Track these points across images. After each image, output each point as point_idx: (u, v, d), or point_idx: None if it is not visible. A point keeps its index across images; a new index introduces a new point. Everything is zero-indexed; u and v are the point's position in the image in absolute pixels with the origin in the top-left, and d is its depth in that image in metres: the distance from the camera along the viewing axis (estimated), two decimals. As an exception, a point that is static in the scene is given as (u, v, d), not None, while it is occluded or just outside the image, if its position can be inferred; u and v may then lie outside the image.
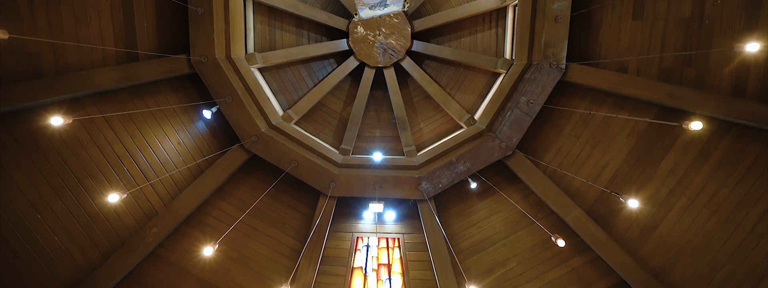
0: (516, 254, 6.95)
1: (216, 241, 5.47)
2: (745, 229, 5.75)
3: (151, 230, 6.27)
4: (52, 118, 4.76)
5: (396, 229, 7.60)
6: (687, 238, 6.05)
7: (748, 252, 5.70)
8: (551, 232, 5.69)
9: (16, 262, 5.55)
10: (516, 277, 6.81)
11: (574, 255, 6.70)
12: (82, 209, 6.01)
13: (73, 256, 5.91)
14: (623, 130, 6.52)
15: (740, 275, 5.72)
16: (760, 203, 5.70)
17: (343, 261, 7.28)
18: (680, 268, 6.06)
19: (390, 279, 7.40)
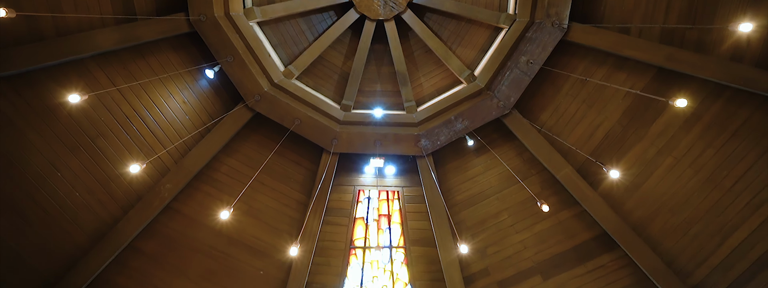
0: (508, 207, 7.42)
1: (231, 205, 5.85)
2: (724, 187, 6.12)
3: (164, 186, 6.67)
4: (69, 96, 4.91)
5: (396, 182, 8.01)
6: (668, 195, 6.45)
7: (722, 209, 6.11)
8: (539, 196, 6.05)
9: (44, 215, 6.00)
10: (507, 228, 7.34)
11: (562, 209, 7.16)
12: (98, 167, 6.35)
13: (95, 210, 6.37)
14: (619, 91, 6.63)
15: (712, 229, 6.19)
16: (741, 164, 6.00)
17: (346, 212, 7.79)
18: (659, 222, 6.54)
19: (390, 228, 7.97)
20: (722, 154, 6.11)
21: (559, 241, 7.03)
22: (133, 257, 6.61)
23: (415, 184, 7.89)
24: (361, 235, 7.88)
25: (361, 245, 7.82)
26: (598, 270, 6.75)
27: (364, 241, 7.84)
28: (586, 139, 7.02)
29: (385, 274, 7.71)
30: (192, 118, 7.09)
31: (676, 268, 6.35)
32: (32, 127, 5.83)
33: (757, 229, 5.87)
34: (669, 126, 6.36)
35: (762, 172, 5.86)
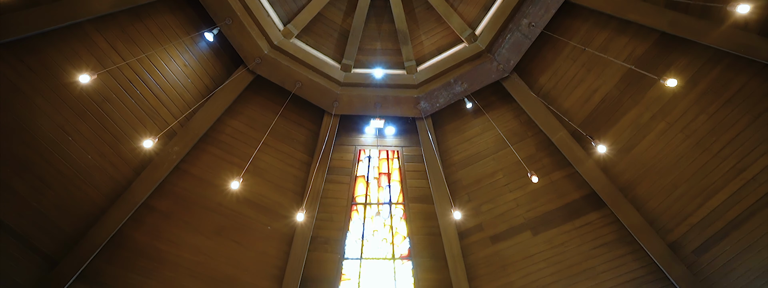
0: (503, 168, 7.73)
1: (240, 175, 6.12)
2: (712, 152, 6.35)
3: (172, 149, 6.91)
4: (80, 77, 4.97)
5: (395, 142, 8.25)
6: (658, 159, 6.71)
7: (707, 172, 6.40)
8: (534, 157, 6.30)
9: (61, 177, 6.31)
10: (501, 188, 7.71)
11: (555, 170, 7.46)
12: (107, 131, 6.55)
13: (108, 171, 6.67)
14: (620, 55, 6.62)
15: (696, 191, 6.52)
16: (731, 130, 6.18)
17: (347, 171, 8.12)
18: (646, 184, 6.86)
19: (390, 186, 8.35)
20: (714, 120, 6.26)
21: (550, 200, 7.42)
22: (148, 215, 7.03)
23: (414, 144, 8.14)
24: (362, 192, 8.28)
25: (362, 202, 8.26)
26: (584, 227, 7.21)
27: (365, 198, 8.26)
28: (583, 102, 7.13)
29: (384, 228, 8.22)
30: (194, 81, 7.15)
31: (658, 226, 6.78)
32: (38, 93, 5.94)
33: (737, 192, 6.19)
34: (665, 92, 6.44)
35: (750, 138, 6.05)
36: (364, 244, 8.16)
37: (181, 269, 7.01)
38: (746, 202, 6.16)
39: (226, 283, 7.18)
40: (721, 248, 6.36)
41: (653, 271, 6.81)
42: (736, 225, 6.25)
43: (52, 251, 6.28)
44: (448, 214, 7.61)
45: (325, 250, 7.83)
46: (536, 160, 7.54)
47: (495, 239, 7.60)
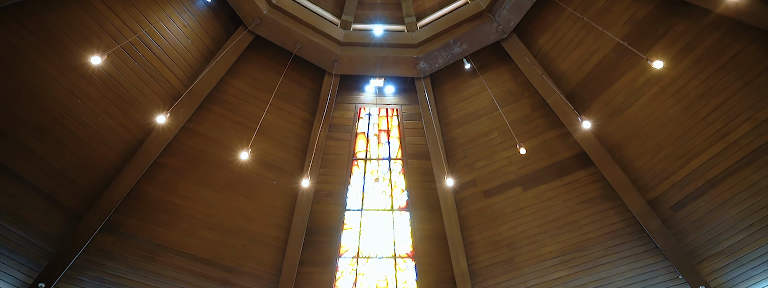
0: (498, 126, 8.00)
1: (249, 146, 6.38)
2: (699, 116, 6.59)
3: (179, 110, 7.14)
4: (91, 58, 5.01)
5: (395, 100, 8.44)
6: (647, 121, 6.96)
7: (692, 135, 6.68)
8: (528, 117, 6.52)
9: (76, 139, 6.63)
10: (495, 146, 8.04)
11: (548, 130, 7.74)
12: (114, 93, 6.74)
13: (119, 132, 6.97)
14: (621, 17, 6.57)
15: (680, 152, 6.86)
16: (720, 95, 6.37)
17: (348, 128, 8.40)
18: (633, 145, 7.18)
19: (389, 142, 8.68)
20: (706, 85, 6.41)
21: (541, 158, 7.79)
22: (160, 171, 7.45)
23: (413, 102, 8.33)
24: (363, 148, 8.64)
25: (362, 157, 8.64)
26: (572, 184, 7.65)
27: (365, 154, 8.64)
28: (581, 64, 7.20)
29: (384, 181, 8.70)
30: (194, 42, 7.17)
31: (640, 184, 7.22)
32: (43, 57, 6.05)
33: (718, 154, 6.53)
34: (663, 55, 6.50)
35: (737, 103, 6.26)
36: (365, 197, 8.70)
37: (195, 221, 7.58)
38: (725, 164, 6.52)
39: (237, 233, 7.81)
40: (697, 205, 6.84)
41: (632, 224, 7.37)
42: (714, 184, 6.67)
43: (76, 206, 6.78)
44: (443, 170, 8.04)
45: (328, 202, 8.38)
46: (531, 120, 7.79)
47: (487, 194, 8.10)
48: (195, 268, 7.47)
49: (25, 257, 6.37)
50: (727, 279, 6.70)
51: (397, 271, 8.63)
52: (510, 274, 7.92)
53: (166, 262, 7.31)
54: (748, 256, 6.48)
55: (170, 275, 7.32)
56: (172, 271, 7.34)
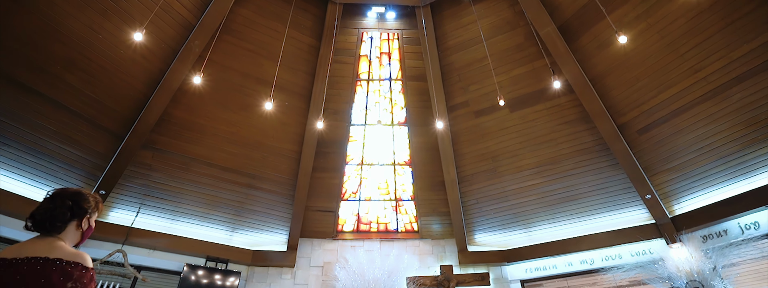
0: (493, 53, 8.43)
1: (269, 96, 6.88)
2: (678, 53, 7.07)
3: (194, 43, 7.54)
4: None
5: (396, 25, 8.68)
6: (630, 55, 7.43)
7: (668, 70, 7.26)
8: (522, 46, 6.95)
9: (104, 70, 7.26)
10: (489, 71, 8.59)
11: (538, 58, 8.20)
12: (130, 27, 7.09)
13: (141, 63, 7.53)
14: (624, -49, 6.51)
15: (654, 84, 7.52)
16: (701, 35, 6.77)
17: (351, 52, 8.84)
18: (614, 76, 7.77)
19: (390, 64, 9.19)
20: (691, 24, 6.74)
21: (529, 84, 8.44)
22: (184, 96, 8.22)
23: (413, 27, 8.60)
24: (365, 70, 9.20)
25: (365, 78, 9.27)
26: (553, 107, 8.47)
27: (368, 75, 9.24)
28: (577, -4, 7.33)
29: (385, 100, 9.49)
30: (198, -29, 7.19)
31: (613, 110, 8.05)
32: (58, -5, 6.31)
33: (686, 88, 7.21)
34: (655, -6, 6.67)
35: (715, 43, 6.70)
36: (368, 113, 9.61)
37: (219, 137, 8.65)
38: (691, 97, 7.26)
39: (257, 146, 8.96)
40: (659, 130, 7.79)
41: (600, 144, 8.43)
42: (677, 114, 7.51)
43: (117, 129, 7.77)
44: (440, 90, 8.77)
45: (335, 119, 9.33)
46: (524, 49, 8.20)
47: (478, 114, 8.97)
48: (224, 176, 8.83)
49: (82, 171, 7.62)
50: (672, 189, 8.04)
51: (396, 176, 10.07)
52: (492, 181, 9.32)
53: (199, 172, 8.62)
54: (692, 172, 7.70)
55: (204, 182, 8.71)
56: (205, 179, 8.71)
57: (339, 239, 9.73)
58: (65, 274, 1.72)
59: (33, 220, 1.89)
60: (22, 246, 1.79)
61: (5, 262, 1.70)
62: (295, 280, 9.14)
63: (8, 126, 6.60)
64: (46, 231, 1.88)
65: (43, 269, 1.70)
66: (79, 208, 1.99)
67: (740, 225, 7.24)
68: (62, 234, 1.91)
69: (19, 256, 1.71)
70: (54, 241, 1.84)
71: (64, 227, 1.92)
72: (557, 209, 8.95)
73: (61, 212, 1.92)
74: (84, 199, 2.03)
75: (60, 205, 1.93)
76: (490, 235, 9.53)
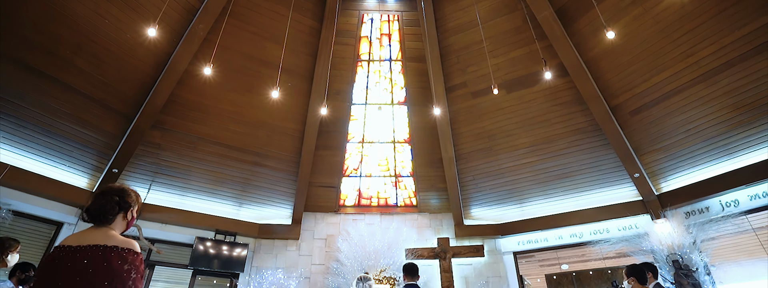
0: (491, 36, 8.57)
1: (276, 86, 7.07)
2: (671, 38, 7.25)
3: (198, 27, 7.69)
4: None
5: (396, 7, 8.78)
6: (625, 40, 7.61)
7: (661, 55, 7.46)
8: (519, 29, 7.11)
9: (110, 54, 7.46)
10: (486, 53, 8.76)
11: (534, 41, 8.35)
12: (135, 11, 7.24)
13: (147, 46, 7.70)
14: (622, -64, 6.56)
15: (646, 68, 7.74)
16: (694, 21, 6.94)
17: (352, 34, 8.98)
18: (608, 60, 7.96)
19: (390, 45, 9.34)
20: (684, 10, 6.89)
21: (525, 66, 8.64)
22: (190, 78, 8.44)
23: (413, 9, 8.70)
24: (366, 51, 9.37)
25: (366, 59, 9.45)
26: (548, 89, 8.70)
27: (368, 55, 9.42)
28: (576, -20, 7.41)
29: (385, 80, 9.71)
30: (200, -46, 7.24)
31: (606, 93, 8.29)
32: (63, -20, 6.43)
33: (677, 72, 7.44)
34: (652, -20, 6.78)
35: (707, 29, 6.88)
36: (368, 93, 9.85)
37: (224, 117, 8.94)
38: (681, 81, 7.50)
39: (261, 126, 9.27)
40: (650, 112, 8.08)
41: (593, 124, 8.72)
42: (668, 97, 7.77)
43: (126, 110, 8.05)
44: (438, 71, 8.97)
45: (336, 99, 9.58)
46: (521, 31, 8.35)
47: (475, 94, 9.22)
48: (230, 154, 9.19)
49: (95, 150, 7.96)
50: (660, 168, 8.42)
51: (395, 153, 10.43)
52: (488, 159, 9.69)
53: (206, 150, 8.98)
54: (679, 152, 8.04)
55: (211, 160, 9.08)
56: (212, 157, 9.07)
57: (341, 213, 10.20)
58: (122, 258, 2.08)
59: (88, 213, 2.22)
60: (81, 235, 2.14)
61: (71, 248, 2.05)
62: (300, 252, 9.67)
63: (24, 109, 6.89)
64: (99, 222, 2.22)
65: (104, 255, 2.05)
66: (124, 202, 2.33)
67: (721, 202, 7.65)
68: (112, 224, 2.26)
69: (82, 243, 2.06)
70: (107, 231, 2.19)
71: (114, 219, 2.26)
72: (550, 186, 9.36)
73: (110, 206, 2.26)
74: (127, 194, 2.36)
75: (109, 200, 2.27)
76: (486, 210, 10.00)
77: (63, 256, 2.03)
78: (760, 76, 6.72)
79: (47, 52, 6.82)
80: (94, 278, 1.97)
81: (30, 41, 6.61)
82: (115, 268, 2.02)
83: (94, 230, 2.18)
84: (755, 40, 6.56)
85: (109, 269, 2.00)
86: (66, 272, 1.98)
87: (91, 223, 2.23)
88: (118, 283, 2.01)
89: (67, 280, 1.95)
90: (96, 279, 1.97)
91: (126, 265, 2.07)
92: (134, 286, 2.10)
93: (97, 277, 1.97)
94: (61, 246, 2.08)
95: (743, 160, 7.33)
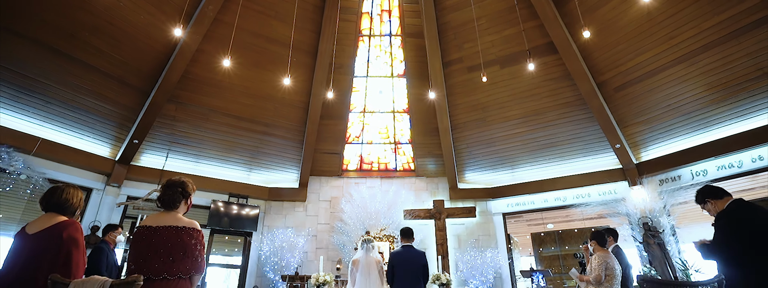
0: (486, 14, 8.91)
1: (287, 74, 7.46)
2: (656, 21, 7.70)
3: (208, 8, 8.03)
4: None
5: (396, -16, 9.03)
6: (613, 21, 8.01)
7: (645, 36, 7.89)
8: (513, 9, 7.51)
9: (127, 35, 7.90)
10: (482, 30, 9.14)
11: (528, 20, 8.71)
12: (147, -7, 7.60)
13: (161, 27, 8.11)
14: None
15: (632, 48, 8.20)
16: (678, 5, 7.38)
17: (354, 10, 9.30)
18: (597, 39, 8.39)
19: (390, 21, 9.69)
20: (671, -3, 7.26)
21: (518, 44, 9.05)
22: (201, 55, 8.90)
23: (413, -14, 8.98)
24: (367, 26, 9.73)
25: (367, 34, 9.83)
26: (540, 65, 9.17)
27: (369, 31, 9.79)
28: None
29: (385, 54, 10.14)
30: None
31: (594, 70, 8.79)
32: (80, -33, 6.76)
33: (660, 52, 7.93)
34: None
35: (689, 13, 7.28)
36: (369, 66, 10.33)
37: (234, 91, 9.50)
38: (663, 61, 8.01)
39: (268, 99, 9.86)
40: (633, 89, 8.64)
41: (580, 98, 9.30)
42: (651, 75, 8.30)
43: (143, 86, 8.60)
44: (435, 47, 9.41)
45: (340, 72, 10.08)
46: (514, 11, 8.68)
47: (470, 69, 9.71)
48: (240, 124, 9.85)
49: (115, 123, 8.63)
50: (640, 139, 9.12)
51: (395, 122, 11.09)
52: (481, 129, 10.37)
53: (218, 121, 9.63)
54: (658, 126, 8.71)
55: (222, 130, 9.77)
56: (224, 127, 9.74)
57: (344, 177, 11.04)
58: (190, 235, 2.84)
59: (161, 201, 2.95)
60: (157, 217, 2.88)
61: (152, 228, 2.79)
62: (307, 213, 10.61)
63: (50, 87, 7.46)
64: (169, 208, 2.96)
65: (177, 233, 2.81)
66: (185, 192, 3.05)
67: (692, 172, 8.43)
68: (178, 209, 3.00)
69: (160, 224, 2.80)
70: (176, 214, 2.94)
71: (179, 205, 3.00)
72: (538, 154, 10.12)
73: (176, 196, 2.99)
74: (187, 185, 3.08)
75: (175, 191, 3.00)
76: (478, 175, 10.83)
77: (147, 234, 2.80)
78: (733, 59, 7.24)
79: (69, 34, 7.28)
80: (172, 250, 2.75)
81: (53, 25, 7.06)
82: (186, 242, 2.79)
83: (166, 214, 2.93)
84: (731, 25, 7.00)
85: (182, 243, 2.78)
86: (151, 246, 2.75)
87: (163, 209, 2.97)
88: (188, 253, 2.80)
89: (154, 252, 2.72)
90: (173, 250, 2.75)
91: (193, 240, 2.84)
92: (200, 254, 2.89)
93: (173, 249, 2.75)
94: (145, 226, 2.84)
95: (715, 135, 8.01)
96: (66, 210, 2.97)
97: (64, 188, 3.05)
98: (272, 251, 9.65)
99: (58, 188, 3.04)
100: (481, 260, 9.61)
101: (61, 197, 2.99)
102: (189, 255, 2.80)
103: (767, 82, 7.15)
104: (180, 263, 2.74)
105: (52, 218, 2.87)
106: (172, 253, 2.75)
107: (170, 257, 2.72)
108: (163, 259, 2.69)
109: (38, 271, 2.63)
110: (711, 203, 3.49)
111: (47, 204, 2.97)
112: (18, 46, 6.95)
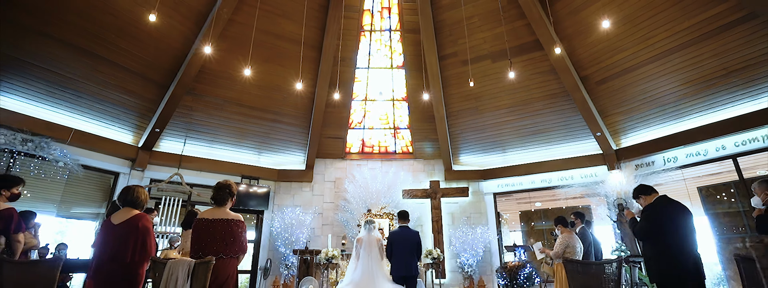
0: (479, 13, 9.53)
1: (298, 80, 8.17)
2: (634, 23, 8.39)
3: (222, 10, 8.68)
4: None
5: (395, -17, 9.60)
6: (595, 22, 8.62)
7: (624, 36, 8.61)
8: (504, 8, 8.17)
9: (147, 35, 8.61)
10: (475, 28, 9.78)
11: (518, 19, 9.35)
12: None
13: (178, 28, 8.79)
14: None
15: (612, 47, 8.91)
16: (655, 9, 8.04)
17: (356, 8, 9.92)
18: (581, 38, 9.07)
19: (390, 17, 10.31)
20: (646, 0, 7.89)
21: (508, 40, 9.71)
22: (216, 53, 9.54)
23: (411, -15, 9.57)
24: (368, 22, 10.37)
25: (368, 29, 10.48)
26: (528, 60, 9.88)
27: (371, 26, 10.43)
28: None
29: (385, 48, 10.83)
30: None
31: (577, 65, 9.51)
32: (107, -24, 7.41)
33: (638, 51, 8.63)
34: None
35: (666, 16, 7.95)
36: (370, 58, 11.04)
37: (247, 83, 10.25)
38: (640, 59, 8.73)
39: (277, 90, 10.63)
40: (614, 83, 9.39)
41: (563, 91, 10.05)
42: (629, 71, 9.03)
43: (163, 80, 9.37)
44: (431, 42, 10.09)
45: (343, 65, 10.80)
46: (506, 11, 9.31)
47: (464, 63, 10.42)
48: (252, 113, 10.68)
49: (137, 113, 9.45)
50: (620, 128, 9.95)
51: (394, 109, 11.90)
52: (474, 117, 11.19)
53: (232, 110, 10.46)
54: (636, 116, 9.52)
55: (235, 118, 10.60)
56: (236, 116, 10.58)
57: (347, 159, 11.98)
58: (238, 226, 3.77)
59: (215, 200, 3.85)
60: (212, 211, 3.79)
61: (209, 220, 3.71)
62: (313, 192, 11.60)
63: (79, 82, 8.25)
64: (220, 205, 3.86)
65: (229, 224, 3.74)
66: (231, 192, 3.96)
67: (664, 158, 9.32)
68: (226, 205, 3.90)
69: (215, 217, 3.71)
70: (225, 210, 3.85)
71: (228, 202, 3.90)
72: (526, 140, 10.99)
73: (226, 196, 3.90)
74: (232, 188, 3.98)
75: (225, 192, 3.90)
76: (472, 158, 11.75)
77: (206, 224, 3.72)
78: (702, 59, 7.97)
79: (94, 35, 7.99)
80: (225, 236, 3.69)
81: (81, 27, 7.77)
82: (235, 231, 3.73)
83: (218, 209, 3.85)
84: (702, 28, 7.69)
85: (232, 232, 3.71)
86: (210, 234, 3.68)
87: (216, 205, 3.86)
88: (237, 239, 3.74)
89: (212, 238, 3.66)
90: (226, 237, 3.69)
91: (239, 229, 3.77)
92: (244, 239, 3.83)
93: (226, 236, 3.70)
94: (203, 218, 3.75)
95: (685, 125, 8.83)
96: (137, 205, 3.86)
97: (135, 188, 3.93)
98: (283, 228, 10.69)
99: (131, 188, 3.92)
100: (472, 236, 10.66)
101: (133, 195, 3.87)
102: (237, 240, 3.76)
103: (732, 80, 7.91)
104: (231, 246, 3.70)
105: (129, 212, 3.76)
106: (226, 238, 3.70)
107: (224, 242, 3.68)
108: (219, 243, 3.64)
109: (126, 251, 3.56)
110: (642, 198, 4.43)
111: (124, 201, 3.86)
112: (51, 47, 7.70)
